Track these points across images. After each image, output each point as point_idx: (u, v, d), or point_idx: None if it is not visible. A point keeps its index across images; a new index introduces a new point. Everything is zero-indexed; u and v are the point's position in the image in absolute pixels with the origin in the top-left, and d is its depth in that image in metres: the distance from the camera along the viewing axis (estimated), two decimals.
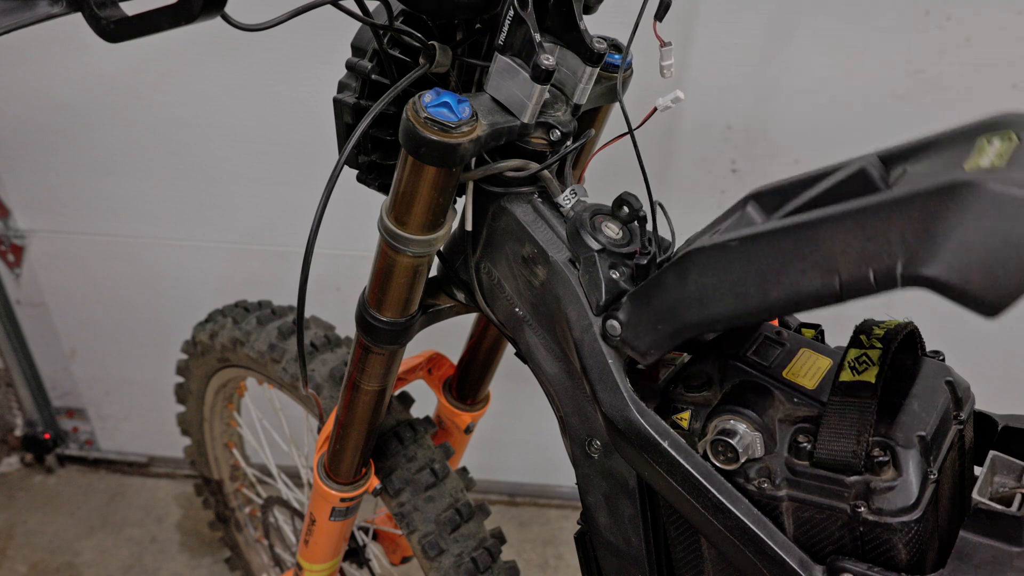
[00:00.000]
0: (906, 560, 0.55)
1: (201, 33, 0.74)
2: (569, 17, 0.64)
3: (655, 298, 0.60)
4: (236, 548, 1.62)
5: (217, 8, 0.49)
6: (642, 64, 0.79)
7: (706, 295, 0.56)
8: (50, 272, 1.74)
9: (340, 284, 1.65)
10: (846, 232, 0.48)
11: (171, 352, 1.51)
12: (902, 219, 0.46)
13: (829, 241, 0.49)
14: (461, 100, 0.61)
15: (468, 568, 0.97)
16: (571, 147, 0.70)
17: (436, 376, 1.12)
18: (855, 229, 0.48)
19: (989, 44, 1.27)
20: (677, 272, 0.58)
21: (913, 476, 0.55)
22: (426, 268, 0.74)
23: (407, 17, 0.68)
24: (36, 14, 0.52)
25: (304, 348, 0.81)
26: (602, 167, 0.84)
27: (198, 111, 1.48)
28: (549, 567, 1.83)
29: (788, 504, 0.58)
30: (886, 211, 0.47)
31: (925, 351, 0.65)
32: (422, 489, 1.00)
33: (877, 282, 0.48)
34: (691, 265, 0.57)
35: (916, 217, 0.45)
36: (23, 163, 1.59)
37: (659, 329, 0.60)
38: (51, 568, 1.79)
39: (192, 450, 1.49)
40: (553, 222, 0.69)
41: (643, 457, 0.61)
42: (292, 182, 1.54)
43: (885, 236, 0.47)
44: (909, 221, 0.46)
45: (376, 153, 0.75)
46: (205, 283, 1.70)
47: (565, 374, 0.70)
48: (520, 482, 1.95)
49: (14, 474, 2.00)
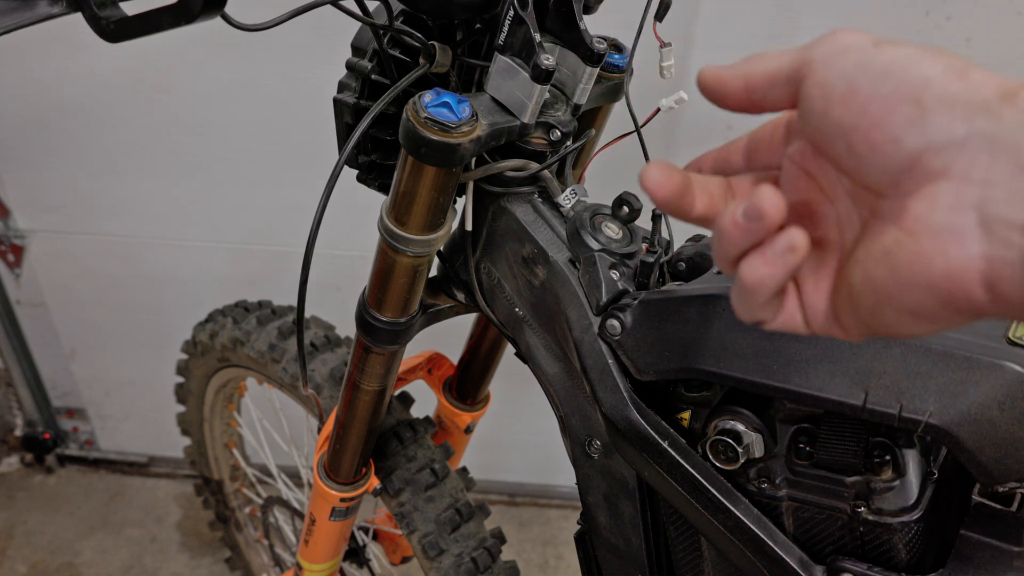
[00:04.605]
0: (906, 560, 0.55)
1: (201, 33, 0.74)
2: (569, 17, 0.64)
3: (669, 323, 0.58)
4: (236, 548, 1.62)
5: (217, 8, 0.49)
6: (642, 64, 0.79)
7: (726, 350, 0.55)
8: (50, 272, 1.74)
9: (340, 284, 1.65)
10: (890, 357, 0.50)
11: (171, 352, 1.51)
12: (946, 374, 0.48)
13: (870, 358, 0.50)
14: (461, 100, 0.61)
15: (468, 568, 0.97)
16: (571, 147, 0.70)
17: (436, 376, 1.12)
18: (899, 360, 0.49)
19: (989, 44, 1.27)
20: (702, 310, 0.56)
21: (913, 476, 0.55)
22: (426, 268, 0.74)
23: (407, 17, 0.68)
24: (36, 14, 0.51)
25: (304, 348, 0.81)
26: (602, 167, 0.84)
27: (198, 111, 1.48)
28: (549, 567, 1.83)
29: (788, 504, 0.58)
30: (933, 360, 0.48)
31: None
32: (422, 489, 1.00)
33: (900, 419, 0.50)
34: (719, 311, 0.55)
35: (959, 379, 0.48)
36: (23, 163, 1.59)
37: (664, 356, 0.59)
38: (51, 568, 1.79)
39: (192, 450, 1.49)
40: (553, 222, 0.69)
41: (643, 457, 0.61)
42: (292, 182, 1.54)
43: (925, 382, 0.49)
44: (952, 379, 0.48)
45: (376, 153, 0.75)
46: (205, 283, 1.70)
47: (565, 374, 0.70)
48: (520, 482, 1.95)
49: (14, 474, 2.00)
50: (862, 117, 0.32)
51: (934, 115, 0.31)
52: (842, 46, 0.34)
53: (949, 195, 0.30)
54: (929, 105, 0.31)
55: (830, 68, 0.34)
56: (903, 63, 0.32)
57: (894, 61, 0.33)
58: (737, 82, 0.38)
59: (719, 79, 0.39)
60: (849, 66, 0.33)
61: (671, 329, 0.58)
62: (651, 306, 0.60)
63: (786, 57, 0.37)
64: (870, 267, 0.33)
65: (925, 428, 0.49)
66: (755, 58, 0.38)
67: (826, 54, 0.35)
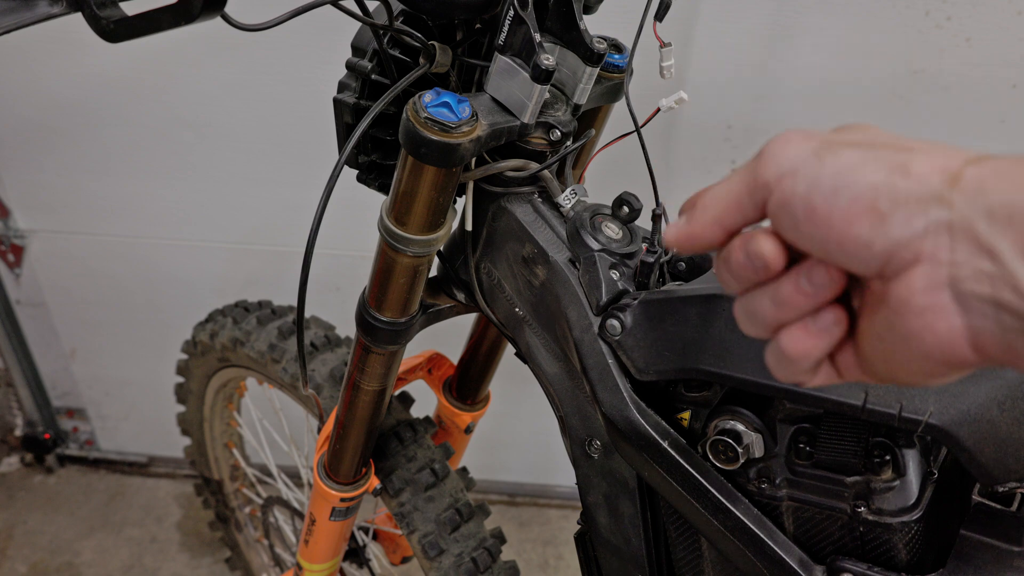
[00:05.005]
0: (906, 560, 0.55)
1: (201, 33, 0.74)
2: (569, 17, 0.64)
3: (669, 323, 0.58)
4: (236, 548, 1.62)
5: (217, 8, 0.49)
6: (642, 64, 0.79)
7: (726, 350, 0.55)
8: (50, 272, 1.74)
9: (340, 284, 1.65)
10: None
11: (171, 352, 1.52)
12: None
13: None
14: (461, 100, 0.61)
15: (468, 568, 0.97)
16: (571, 147, 0.69)
17: (436, 376, 1.12)
18: None
19: (989, 44, 1.27)
20: (702, 310, 0.56)
21: (913, 476, 0.55)
22: (426, 268, 0.74)
23: (407, 17, 0.68)
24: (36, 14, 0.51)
25: (304, 348, 0.81)
26: (602, 167, 0.84)
27: (198, 111, 1.48)
28: (549, 567, 1.83)
29: (788, 504, 0.58)
30: None
31: None
32: (422, 489, 1.00)
33: (900, 419, 0.50)
34: (719, 311, 0.55)
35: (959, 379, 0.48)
36: (23, 163, 1.59)
37: (664, 356, 0.59)
38: (51, 568, 1.79)
39: (192, 450, 1.49)
40: (553, 222, 0.69)
41: (643, 457, 0.61)
42: (292, 182, 1.54)
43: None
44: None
45: (376, 153, 0.75)
46: (205, 283, 1.70)
47: (565, 374, 0.70)
48: (520, 482, 1.95)
49: (14, 474, 2.00)
50: (829, 230, 0.35)
51: (892, 218, 0.33)
52: (788, 166, 0.36)
53: (923, 278, 0.33)
54: (885, 210, 0.33)
55: (784, 192, 0.36)
56: (848, 175, 0.34)
57: (839, 174, 0.34)
58: (713, 230, 0.39)
59: (692, 236, 0.40)
60: (801, 188, 0.35)
61: (671, 329, 0.58)
62: (651, 306, 0.60)
63: (737, 184, 0.38)
64: (875, 343, 0.36)
65: (925, 428, 0.49)
66: (708, 199, 0.39)
67: (776, 176, 0.36)
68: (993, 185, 0.32)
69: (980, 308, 0.32)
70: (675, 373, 0.59)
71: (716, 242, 0.40)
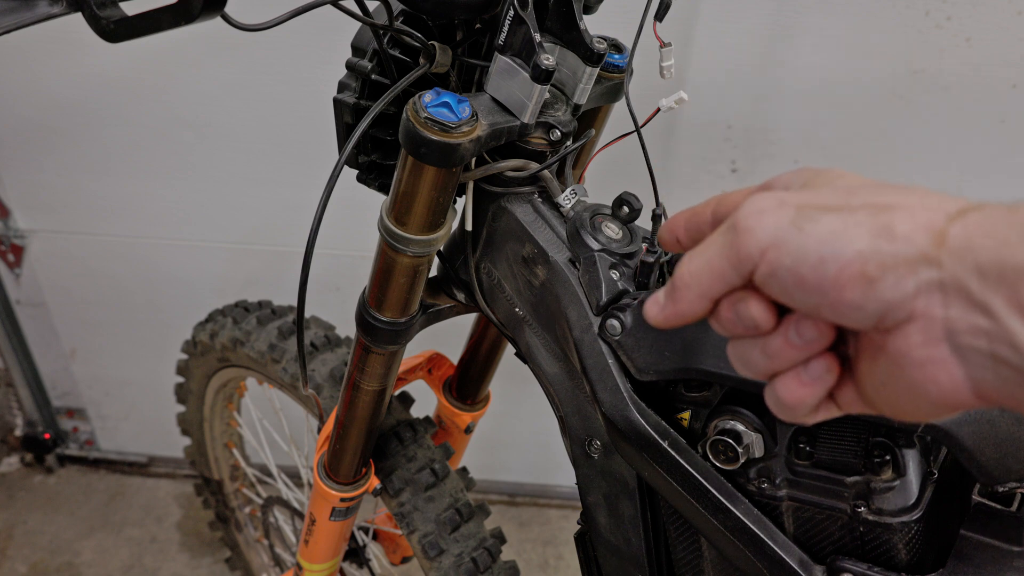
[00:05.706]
0: (906, 560, 0.55)
1: (201, 33, 0.74)
2: (569, 17, 0.64)
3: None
4: (236, 548, 1.62)
5: (217, 8, 0.49)
6: (642, 64, 0.79)
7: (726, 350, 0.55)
8: (50, 272, 1.74)
9: (340, 284, 1.65)
10: None
11: (171, 352, 1.52)
12: None
13: None
14: (461, 100, 0.61)
15: (468, 568, 0.97)
16: (571, 147, 0.69)
17: (436, 376, 1.12)
18: None
19: (989, 44, 1.27)
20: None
21: (913, 476, 0.55)
22: (426, 268, 0.74)
23: (407, 17, 0.68)
24: (36, 14, 0.51)
25: (304, 348, 0.81)
26: (602, 167, 0.84)
27: (198, 111, 1.48)
28: (549, 567, 1.83)
29: (788, 504, 0.58)
30: None
31: None
32: (422, 489, 1.00)
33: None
34: None
35: None
36: (23, 163, 1.59)
37: (664, 356, 0.59)
38: (51, 568, 1.79)
39: (192, 450, 1.49)
40: (553, 222, 0.69)
41: (643, 457, 0.61)
42: (292, 182, 1.54)
43: None
44: None
45: (376, 153, 0.75)
46: (205, 283, 1.70)
47: (565, 374, 0.70)
48: (520, 482, 1.95)
49: (14, 474, 2.00)
50: (821, 297, 0.35)
51: (882, 282, 0.33)
52: (768, 239, 0.36)
53: (920, 333, 0.34)
54: (874, 275, 0.33)
55: (770, 264, 0.36)
56: (832, 244, 0.34)
57: (823, 243, 0.34)
58: (701, 303, 0.39)
59: (679, 315, 0.40)
60: (787, 261, 0.35)
61: (671, 329, 0.58)
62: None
63: (717, 258, 0.38)
64: (878, 388, 0.37)
65: (925, 428, 0.49)
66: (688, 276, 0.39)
67: (758, 251, 0.36)
68: (980, 243, 0.32)
69: (979, 360, 0.33)
70: (675, 373, 0.59)
71: (704, 314, 0.40)
